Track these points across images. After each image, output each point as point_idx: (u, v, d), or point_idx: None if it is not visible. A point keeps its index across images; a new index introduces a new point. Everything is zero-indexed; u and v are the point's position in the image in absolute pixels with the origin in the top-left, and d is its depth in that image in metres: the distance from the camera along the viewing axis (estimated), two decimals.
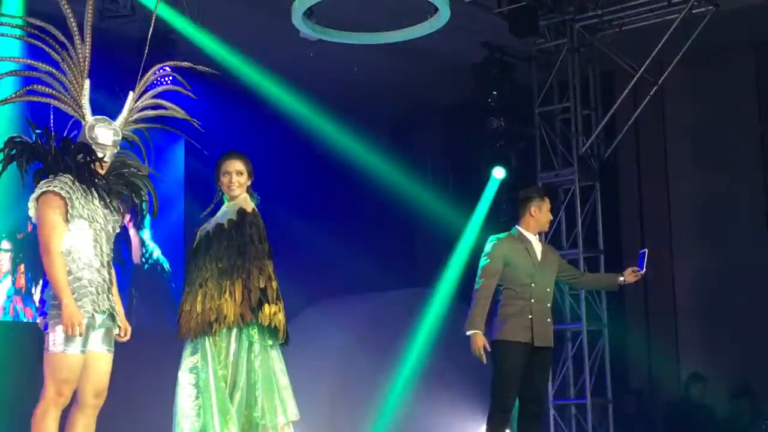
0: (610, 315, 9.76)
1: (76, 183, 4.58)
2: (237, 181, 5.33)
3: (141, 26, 7.93)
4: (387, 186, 10.28)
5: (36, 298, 8.39)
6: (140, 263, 9.73)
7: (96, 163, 4.64)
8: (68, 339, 4.44)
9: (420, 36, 8.45)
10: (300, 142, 10.38)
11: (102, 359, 4.64)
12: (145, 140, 4.96)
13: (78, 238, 4.57)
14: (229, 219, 5.24)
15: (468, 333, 6.29)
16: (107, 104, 5.01)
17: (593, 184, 9.91)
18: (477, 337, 6.25)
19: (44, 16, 4.72)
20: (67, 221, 4.54)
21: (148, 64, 4.94)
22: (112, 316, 4.69)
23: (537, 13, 9.50)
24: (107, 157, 4.70)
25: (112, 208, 4.73)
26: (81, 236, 4.58)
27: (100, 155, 4.66)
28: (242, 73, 9.16)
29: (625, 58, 9.68)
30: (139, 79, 4.88)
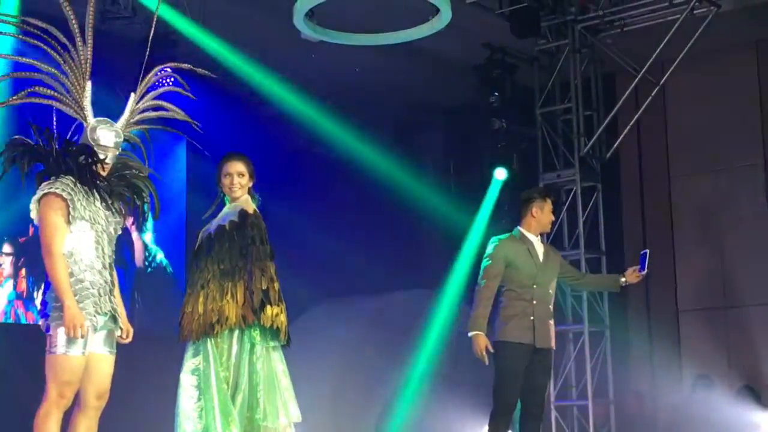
0: (612, 316, 9.77)
1: (78, 185, 4.58)
2: (238, 183, 5.32)
3: (142, 27, 7.92)
4: (389, 186, 10.27)
5: (38, 302, 8.36)
6: (143, 266, 9.71)
7: (98, 165, 4.64)
8: (70, 341, 4.43)
9: (421, 37, 8.44)
10: (302, 143, 10.38)
11: (104, 361, 4.64)
12: (146, 142, 4.95)
13: (80, 240, 4.56)
14: (231, 220, 5.23)
15: (470, 334, 6.29)
16: (109, 106, 5.00)
17: (595, 185, 9.91)
18: (479, 339, 6.26)
19: (45, 18, 4.72)
20: (69, 223, 4.54)
21: (150, 66, 4.93)
22: (114, 318, 4.68)
23: (538, 14, 9.51)
24: (109, 159, 4.70)
25: (114, 210, 4.72)
26: (83, 238, 4.57)
27: (102, 157, 4.65)
28: (244, 74, 9.15)
29: (627, 59, 9.69)
30: (141, 81, 4.88)
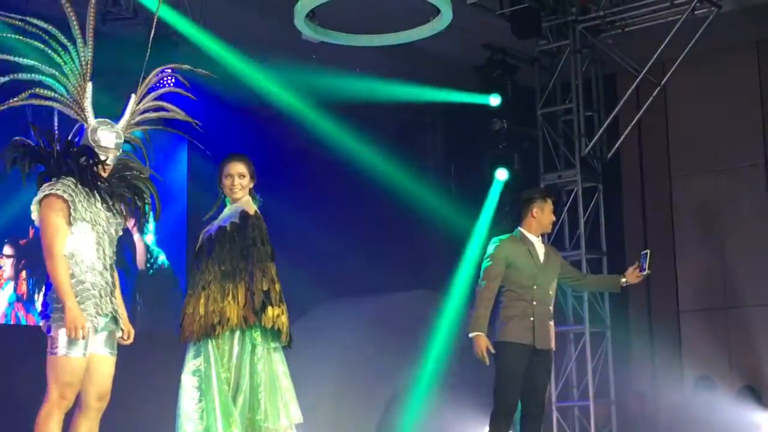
0: (613, 316, 9.76)
1: (79, 186, 4.58)
2: (239, 184, 5.32)
3: (143, 29, 7.91)
4: (390, 187, 10.27)
5: (39, 304, 8.33)
6: (145, 269, 9.68)
7: (98, 166, 4.64)
8: (71, 342, 4.43)
9: (422, 38, 8.44)
10: (302, 144, 10.37)
11: (105, 362, 4.64)
12: (146, 142, 4.95)
13: (81, 241, 4.56)
14: (232, 222, 5.23)
15: (471, 335, 6.28)
16: (110, 107, 5.00)
17: (596, 186, 9.91)
18: (480, 339, 6.25)
19: (45, 18, 4.71)
20: (70, 224, 4.54)
21: (150, 67, 4.93)
22: (115, 319, 4.68)
23: (539, 15, 9.50)
24: (110, 160, 4.70)
25: (115, 211, 4.72)
26: (84, 239, 4.57)
27: (103, 158, 4.65)
28: (244, 75, 9.14)
29: (628, 59, 9.69)
30: (141, 82, 4.88)
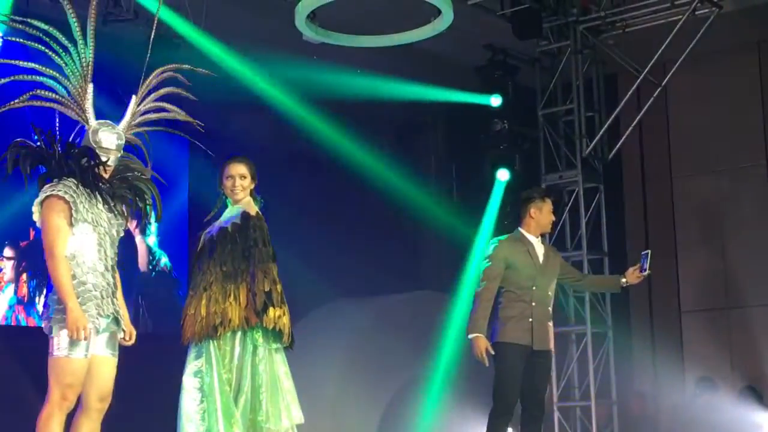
0: (615, 317, 9.75)
1: (80, 187, 4.58)
2: (240, 185, 5.32)
3: (144, 30, 7.91)
4: (391, 188, 10.27)
5: (40, 307, 8.31)
6: (147, 271, 9.66)
7: (100, 167, 4.64)
8: (73, 343, 4.43)
9: (423, 39, 8.43)
10: (303, 145, 10.35)
11: (106, 363, 4.64)
12: (147, 144, 4.95)
13: (82, 242, 4.56)
14: (233, 223, 5.23)
15: (470, 336, 6.26)
16: (110, 108, 5.00)
17: (597, 186, 9.90)
18: (479, 341, 6.22)
19: (46, 20, 4.71)
20: (72, 225, 4.54)
21: (151, 68, 4.93)
22: (117, 320, 4.68)
23: (540, 15, 9.50)
24: (111, 161, 4.70)
25: (116, 212, 4.72)
26: (85, 240, 4.57)
27: (104, 159, 4.66)
28: (245, 76, 9.14)
29: (629, 60, 9.68)
30: (142, 83, 4.88)
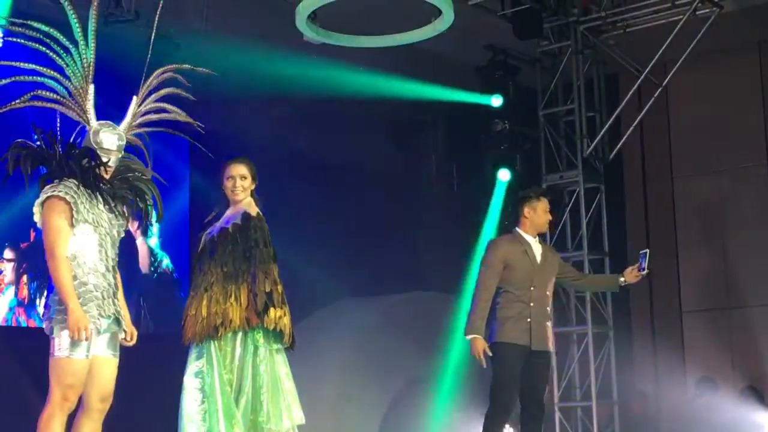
0: (616, 317, 9.75)
1: (81, 188, 4.58)
2: (241, 186, 5.32)
3: (144, 30, 7.91)
4: (392, 188, 10.27)
5: (40, 309, 8.29)
6: (149, 272, 9.64)
7: (101, 168, 4.64)
8: (74, 344, 4.43)
9: (424, 39, 8.43)
10: (304, 145, 10.36)
11: (107, 364, 4.64)
12: (147, 144, 4.95)
13: (83, 243, 4.56)
14: (234, 223, 5.23)
15: (468, 338, 6.24)
16: (111, 109, 5.00)
17: (598, 186, 9.90)
18: (477, 342, 6.20)
19: (47, 21, 4.72)
20: (72, 226, 4.54)
21: (151, 68, 4.93)
22: (118, 321, 4.68)
23: (541, 16, 9.50)
24: (112, 162, 4.70)
25: (117, 213, 4.72)
26: (86, 241, 4.57)
27: (105, 160, 4.66)
28: (246, 76, 9.14)
29: (630, 60, 9.68)
30: (143, 83, 4.88)
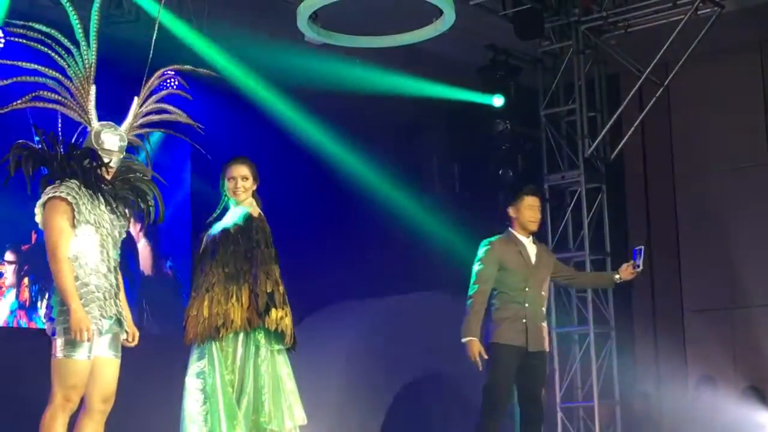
0: (618, 317, 9.75)
1: (83, 188, 4.59)
2: (242, 186, 5.33)
3: (145, 31, 7.90)
4: (393, 189, 10.26)
5: (42, 312, 8.27)
6: (151, 274, 9.62)
7: (102, 169, 4.65)
8: (76, 345, 4.43)
9: (425, 39, 8.43)
10: (305, 145, 10.36)
11: (109, 365, 4.64)
12: (148, 145, 4.96)
13: (85, 244, 4.57)
14: (235, 224, 5.24)
15: (463, 340, 6.21)
16: (112, 109, 5.00)
17: (599, 186, 9.89)
18: (473, 344, 6.18)
19: (49, 22, 4.72)
20: (74, 227, 4.54)
21: (153, 69, 4.94)
22: (120, 322, 4.68)
23: (542, 16, 9.49)
24: (113, 163, 4.71)
25: (119, 214, 4.73)
26: (88, 242, 4.58)
27: (106, 161, 4.66)
28: (246, 77, 9.14)
29: (631, 60, 9.67)
30: (144, 84, 4.89)
